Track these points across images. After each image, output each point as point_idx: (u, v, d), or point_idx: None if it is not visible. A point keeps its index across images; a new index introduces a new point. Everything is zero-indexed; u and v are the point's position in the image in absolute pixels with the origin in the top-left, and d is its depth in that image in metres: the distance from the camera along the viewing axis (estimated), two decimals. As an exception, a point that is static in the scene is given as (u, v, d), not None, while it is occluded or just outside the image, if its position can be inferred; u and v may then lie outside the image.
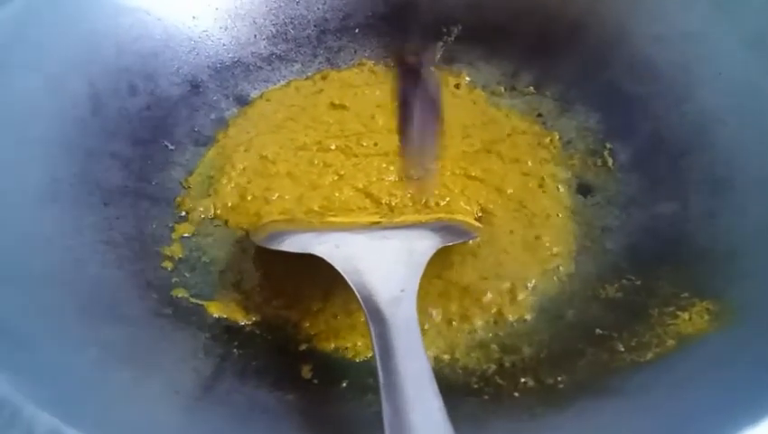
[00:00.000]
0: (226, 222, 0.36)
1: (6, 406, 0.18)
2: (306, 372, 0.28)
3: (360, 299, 0.24)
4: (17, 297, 0.24)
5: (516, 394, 0.26)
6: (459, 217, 0.35)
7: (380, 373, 0.21)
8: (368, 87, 0.45)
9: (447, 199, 0.37)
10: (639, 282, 0.31)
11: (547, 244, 0.34)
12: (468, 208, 0.36)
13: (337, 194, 0.37)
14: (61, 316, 0.25)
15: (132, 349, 0.25)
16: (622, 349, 0.27)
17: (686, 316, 0.27)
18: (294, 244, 0.29)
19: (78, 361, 0.23)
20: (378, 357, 0.21)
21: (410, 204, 0.36)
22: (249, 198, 0.37)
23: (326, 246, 0.28)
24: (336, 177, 0.38)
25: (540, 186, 0.38)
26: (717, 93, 0.36)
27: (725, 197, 0.32)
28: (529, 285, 0.32)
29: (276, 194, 0.37)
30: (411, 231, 0.32)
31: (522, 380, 0.27)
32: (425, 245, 0.28)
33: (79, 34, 0.38)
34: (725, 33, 0.37)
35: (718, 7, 0.37)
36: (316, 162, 0.39)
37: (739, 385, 0.22)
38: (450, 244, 0.30)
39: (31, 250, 0.28)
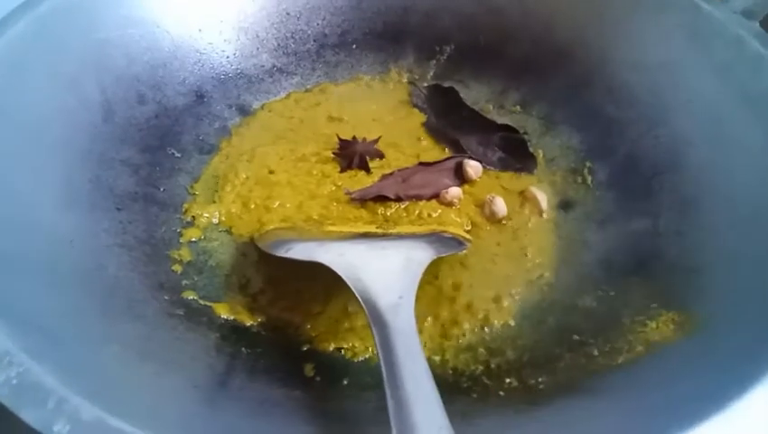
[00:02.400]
0: (230, 229, 0.38)
1: (52, 395, 0.20)
2: (309, 370, 0.30)
3: (362, 305, 0.27)
4: (49, 297, 0.26)
5: (501, 393, 0.29)
6: (451, 229, 0.37)
7: (384, 372, 0.23)
8: (364, 101, 0.48)
9: (439, 211, 0.39)
10: (613, 293, 0.34)
11: (530, 255, 0.37)
12: (458, 220, 0.39)
13: (335, 204, 0.40)
14: (85, 315, 0.27)
15: (150, 346, 0.27)
16: (597, 353, 0.30)
17: (654, 325, 0.30)
18: (299, 252, 0.32)
19: (102, 357, 0.25)
20: (381, 358, 0.24)
21: (404, 215, 0.39)
22: (252, 206, 0.39)
23: (331, 255, 0.30)
24: (334, 187, 0.41)
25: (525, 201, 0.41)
26: (689, 119, 0.39)
27: (693, 216, 0.35)
28: (513, 292, 0.35)
29: (277, 203, 0.39)
30: (408, 241, 0.34)
31: (507, 380, 0.30)
32: (421, 256, 0.31)
33: (92, 44, 0.39)
34: (698, 63, 0.40)
35: (692, 39, 0.40)
36: (315, 172, 0.42)
37: (699, 387, 0.25)
38: (444, 255, 0.33)
39: (56, 252, 0.29)
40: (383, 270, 0.29)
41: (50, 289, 0.27)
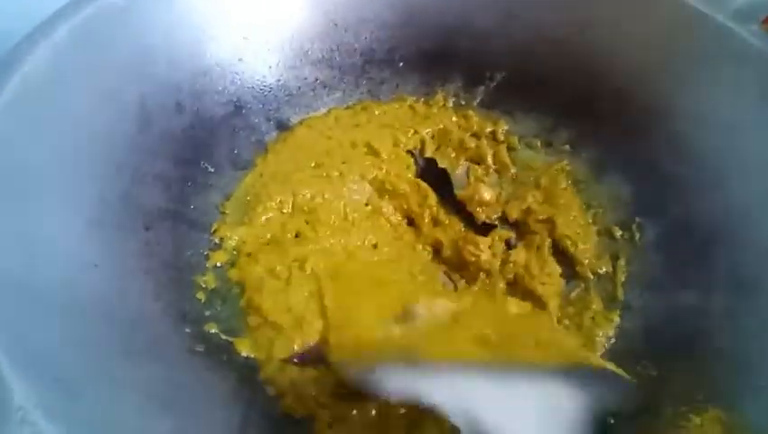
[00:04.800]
0: (255, 254, 0.37)
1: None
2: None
3: None
4: (70, 335, 0.25)
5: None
6: (594, 358, 0.31)
7: None
8: (404, 129, 0.46)
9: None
10: (655, 372, 0.32)
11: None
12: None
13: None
14: (105, 355, 0.26)
15: (169, 393, 0.26)
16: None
17: (698, 420, 0.28)
18: (397, 384, 0.25)
19: (121, 408, 0.24)
20: None
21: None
22: (285, 238, 0.38)
23: (441, 391, 0.23)
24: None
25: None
26: (753, 187, 0.36)
27: (748, 299, 0.32)
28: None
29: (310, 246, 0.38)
30: (547, 378, 0.26)
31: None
32: (572, 405, 0.24)
33: (137, 49, 0.38)
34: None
35: (765, 99, 0.37)
36: (350, 218, 0.41)
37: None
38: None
39: (78, 277, 0.28)
40: (520, 422, 0.22)
41: (70, 325, 0.26)
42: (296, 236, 0.38)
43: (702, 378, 0.30)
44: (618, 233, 0.40)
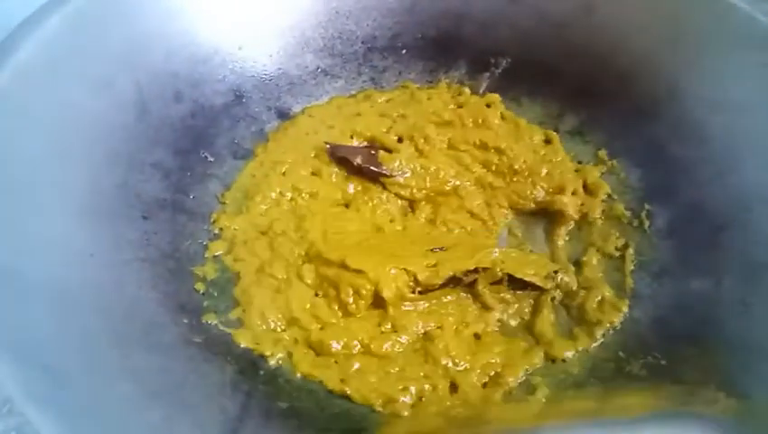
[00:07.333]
0: (253, 246, 0.36)
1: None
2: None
3: None
4: (61, 322, 0.25)
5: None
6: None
7: None
8: (403, 119, 0.45)
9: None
10: (664, 362, 0.31)
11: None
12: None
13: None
14: (97, 344, 0.25)
15: (163, 383, 0.26)
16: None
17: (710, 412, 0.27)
18: None
19: (112, 397, 0.23)
20: None
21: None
22: (279, 231, 0.37)
23: None
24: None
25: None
26: (761, 170, 0.35)
27: (762, 285, 0.31)
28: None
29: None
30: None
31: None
32: None
33: (131, 38, 0.37)
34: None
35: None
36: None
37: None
38: None
39: (72, 267, 0.28)
40: None
41: (62, 313, 0.25)
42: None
43: (713, 366, 0.29)
44: (627, 220, 0.39)
